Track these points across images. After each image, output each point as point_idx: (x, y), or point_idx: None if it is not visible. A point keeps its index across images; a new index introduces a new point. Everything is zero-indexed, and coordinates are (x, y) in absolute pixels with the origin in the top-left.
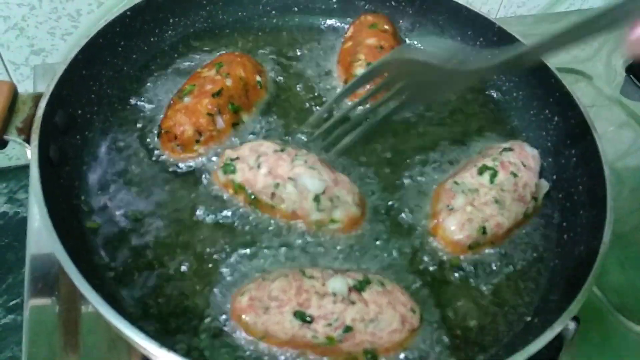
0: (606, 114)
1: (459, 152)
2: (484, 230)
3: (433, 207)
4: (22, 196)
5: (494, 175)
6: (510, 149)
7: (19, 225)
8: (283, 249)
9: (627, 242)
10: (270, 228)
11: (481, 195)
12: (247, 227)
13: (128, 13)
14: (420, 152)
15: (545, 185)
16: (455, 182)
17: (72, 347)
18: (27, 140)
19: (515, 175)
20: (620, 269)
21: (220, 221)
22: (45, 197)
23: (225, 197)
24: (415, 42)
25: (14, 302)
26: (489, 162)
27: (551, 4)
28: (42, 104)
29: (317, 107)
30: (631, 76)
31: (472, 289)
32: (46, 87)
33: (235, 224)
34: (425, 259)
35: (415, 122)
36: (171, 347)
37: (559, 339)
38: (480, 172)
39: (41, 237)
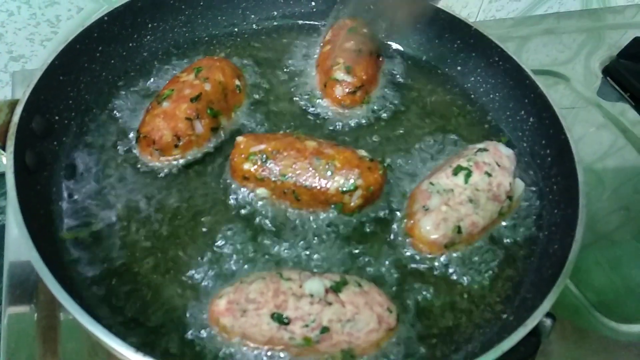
0: (585, 116)
1: (435, 153)
2: (459, 230)
3: (409, 208)
4: (3, 204)
5: (468, 175)
6: (485, 150)
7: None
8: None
9: (608, 242)
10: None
11: (456, 195)
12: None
13: (106, 18)
14: (398, 154)
15: (520, 185)
16: (431, 183)
17: (52, 355)
18: (3, 147)
19: (489, 175)
20: (600, 269)
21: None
22: (21, 203)
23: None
24: (395, 45)
25: None
26: (463, 163)
27: (529, 8)
28: (18, 110)
29: (296, 111)
30: (608, 78)
31: (450, 288)
32: (22, 93)
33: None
34: (402, 259)
35: (393, 124)
36: (148, 351)
37: (536, 336)
38: (455, 172)
39: (19, 244)
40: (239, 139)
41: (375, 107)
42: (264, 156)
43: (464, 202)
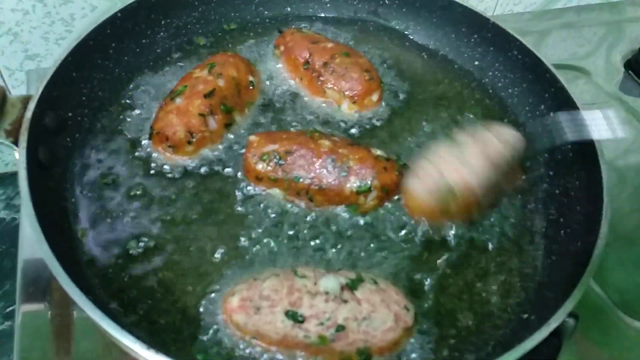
0: None
1: None
2: (451, 191)
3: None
4: (19, 202)
5: (464, 144)
6: (487, 129)
7: (16, 232)
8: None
9: (630, 241)
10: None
11: (448, 160)
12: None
13: (119, 15)
14: (414, 149)
15: (514, 136)
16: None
17: (65, 353)
18: (15, 143)
19: (486, 144)
20: (622, 267)
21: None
22: (33, 199)
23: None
24: (411, 39)
25: (10, 308)
26: (461, 137)
27: (548, 1)
28: (31, 106)
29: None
30: (630, 72)
31: (469, 288)
32: (35, 90)
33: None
34: (407, 232)
35: (409, 119)
36: (161, 349)
37: (558, 336)
38: (451, 142)
39: (33, 242)
40: (252, 138)
41: (392, 102)
42: (277, 156)
43: (454, 162)
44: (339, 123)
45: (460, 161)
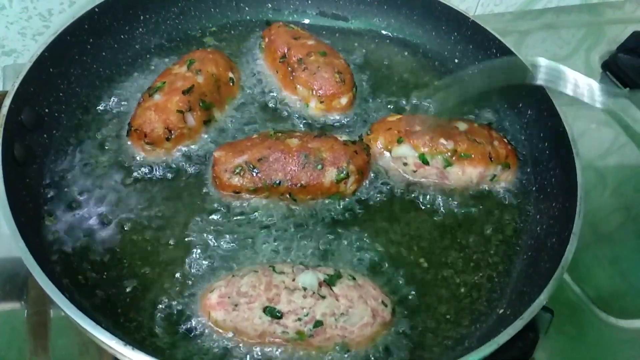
0: (585, 112)
1: None
2: None
3: None
4: None
5: None
6: None
7: None
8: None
9: (610, 240)
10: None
11: None
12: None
13: (96, 10)
14: None
15: None
16: None
17: (42, 350)
18: None
19: None
20: (600, 265)
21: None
22: (9, 196)
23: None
24: (390, 37)
25: None
26: None
27: (528, 2)
28: (7, 102)
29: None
30: (608, 73)
31: (446, 283)
32: (11, 85)
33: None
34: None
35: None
36: (138, 346)
37: (534, 331)
38: None
39: (9, 240)
40: (217, 153)
41: (370, 100)
42: (251, 166)
43: None
44: (307, 122)
45: None
